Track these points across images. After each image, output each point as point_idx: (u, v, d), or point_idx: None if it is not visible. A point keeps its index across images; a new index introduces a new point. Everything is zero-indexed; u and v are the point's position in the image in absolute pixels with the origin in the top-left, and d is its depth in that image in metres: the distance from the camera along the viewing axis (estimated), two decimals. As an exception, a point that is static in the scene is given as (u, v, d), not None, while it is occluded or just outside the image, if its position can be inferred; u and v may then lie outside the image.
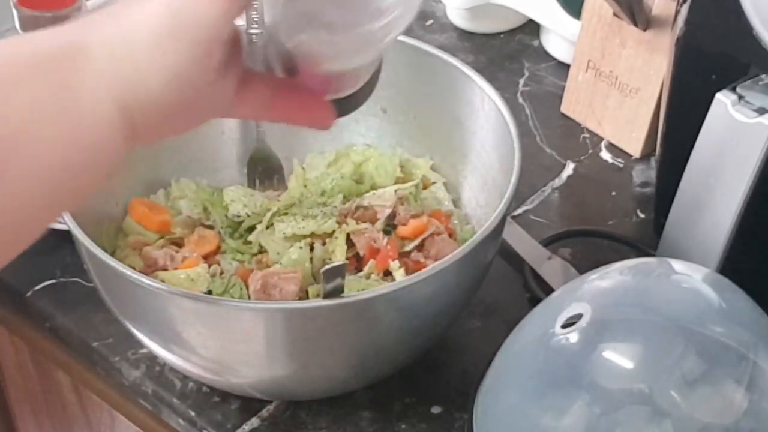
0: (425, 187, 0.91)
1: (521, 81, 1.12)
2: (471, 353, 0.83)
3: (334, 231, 0.85)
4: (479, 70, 0.85)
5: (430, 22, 1.21)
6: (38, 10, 0.87)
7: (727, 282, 0.69)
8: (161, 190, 0.90)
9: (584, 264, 0.88)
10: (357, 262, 0.85)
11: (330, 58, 0.59)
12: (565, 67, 1.10)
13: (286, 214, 0.88)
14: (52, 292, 0.89)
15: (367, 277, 0.82)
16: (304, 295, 0.81)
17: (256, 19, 0.89)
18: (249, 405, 0.80)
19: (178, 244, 0.86)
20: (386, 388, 0.81)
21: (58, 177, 0.53)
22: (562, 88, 1.08)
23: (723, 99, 0.76)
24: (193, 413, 0.80)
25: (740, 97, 0.76)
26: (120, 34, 0.53)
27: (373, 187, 0.90)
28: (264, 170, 0.94)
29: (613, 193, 1.00)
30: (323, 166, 0.92)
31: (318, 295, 0.76)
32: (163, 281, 0.76)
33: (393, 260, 0.82)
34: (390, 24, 0.56)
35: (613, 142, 1.05)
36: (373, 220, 0.87)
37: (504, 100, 0.82)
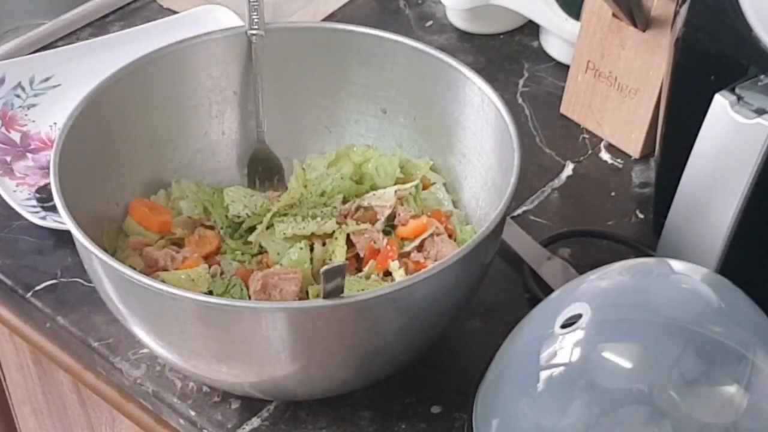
0: (425, 188, 0.91)
1: (521, 82, 1.13)
2: (471, 353, 0.84)
3: (334, 231, 0.85)
4: (479, 71, 0.85)
5: (429, 23, 1.21)
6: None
7: (726, 282, 0.69)
8: (162, 190, 0.90)
9: (583, 264, 0.88)
10: (357, 262, 0.85)
11: None
12: (564, 67, 1.10)
13: (286, 214, 0.88)
14: (53, 292, 0.89)
15: (367, 277, 0.82)
16: (304, 296, 0.81)
17: (256, 20, 0.90)
18: (249, 405, 0.80)
19: (179, 244, 0.87)
20: (386, 388, 0.81)
21: None
22: (562, 89, 1.08)
23: (722, 100, 0.76)
24: (193, 413, 0.81)
25: (739, 98, 0.76)
26: None
27: (373, 188, 0.90)
28: (264, 171, 0.94)
29: (613, 194, 1.00)
30: (323, 167, 0.93)
31: (318, 296, 0.76)
32: (163, 281, 0.76)
33: (393, 261, 0.83)
34: None
35: (613, 142, 1.05)
36: (373, 221, 0.87)
37: (503, 101, 0.82)
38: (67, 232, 0.75)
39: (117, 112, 0.86)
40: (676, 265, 0.70)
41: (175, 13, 1.20)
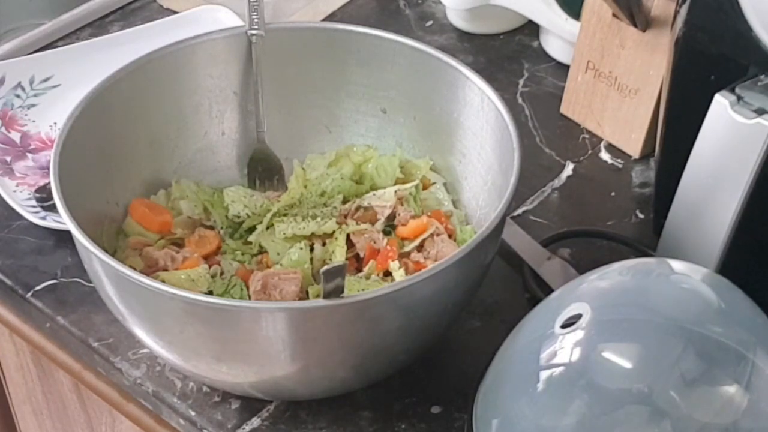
0: (425, 188, 0.91)
1: (521, 82, 1.12)
2: (471, 353, 0.83)
3: (334, 231, 0.85)
4: (479, 71, 0.85)
5: (429, 23, 1.21)
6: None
7: (726, 282, 0.69)
8: (162, 190, 0.90)
9: (583, 264, 0.88)
10: (357, 262, 0.85)
11: None
12: (564, 67, 1.10)
13: (286, 214, 0.88)
14: (53, 292, 0.89)
15: (367, 277, 0.82)
16: (304, 296, 0.81)
17: (256, 20, 0.90)
18: (249, 405, 0.80)
19: (179, 244, 0.87)
20: (386, 388, 0.81)
21: None
22: (562, 89, 1.08)
23: (722, 100, 0.76)
24: (193, 413, 0.80)
25: (739, 98, 0.76)
26: None
27: (373, 188, 0.90)
28: (264, 171, 0.94)
29: (613, 194, 1.00)
30: (323, 167, 0.93)
31: (318, 296, 0.76)
32: (163, 281, 0.76)
33: (393, 261, 0.82)
34: None
35: (613, 142, 1.05)
36: (373, 221, 0.87)
37: (503, 101, 0.82)
38: (67, 232, 0.75)
39: (117, 112, 0.86)
40: (676, 265, 0.70)
41: (175, 13, 1.20)
